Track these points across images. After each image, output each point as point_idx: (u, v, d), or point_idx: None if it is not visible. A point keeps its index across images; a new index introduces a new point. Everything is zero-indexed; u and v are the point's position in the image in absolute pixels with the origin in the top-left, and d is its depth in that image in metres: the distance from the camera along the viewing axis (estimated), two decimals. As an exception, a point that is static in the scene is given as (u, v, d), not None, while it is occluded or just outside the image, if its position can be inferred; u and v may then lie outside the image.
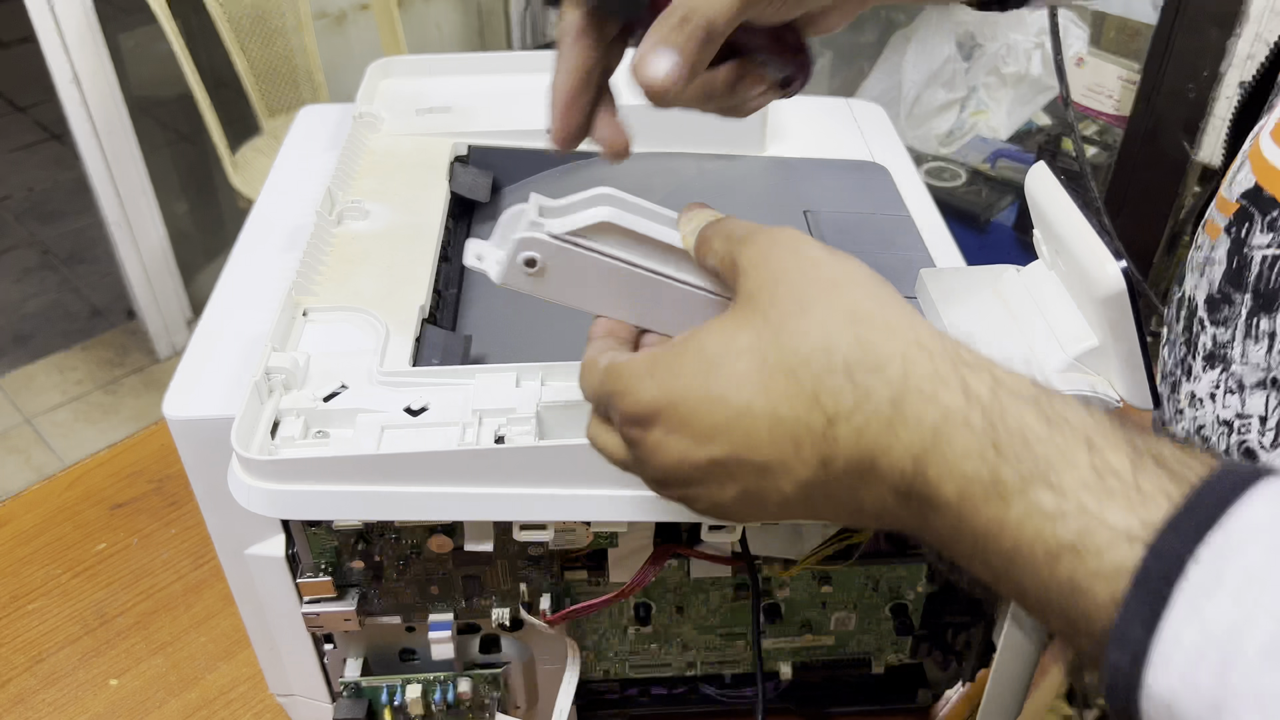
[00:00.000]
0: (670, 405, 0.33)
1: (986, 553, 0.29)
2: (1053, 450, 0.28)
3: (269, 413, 0.47)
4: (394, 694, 0.56)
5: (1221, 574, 0.24)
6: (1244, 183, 0.42)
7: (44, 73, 1.73)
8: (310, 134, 0.73)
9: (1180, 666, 0.24)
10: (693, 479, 0.34)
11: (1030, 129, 1.54)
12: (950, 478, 0.29)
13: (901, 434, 0.30)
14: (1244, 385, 0.41)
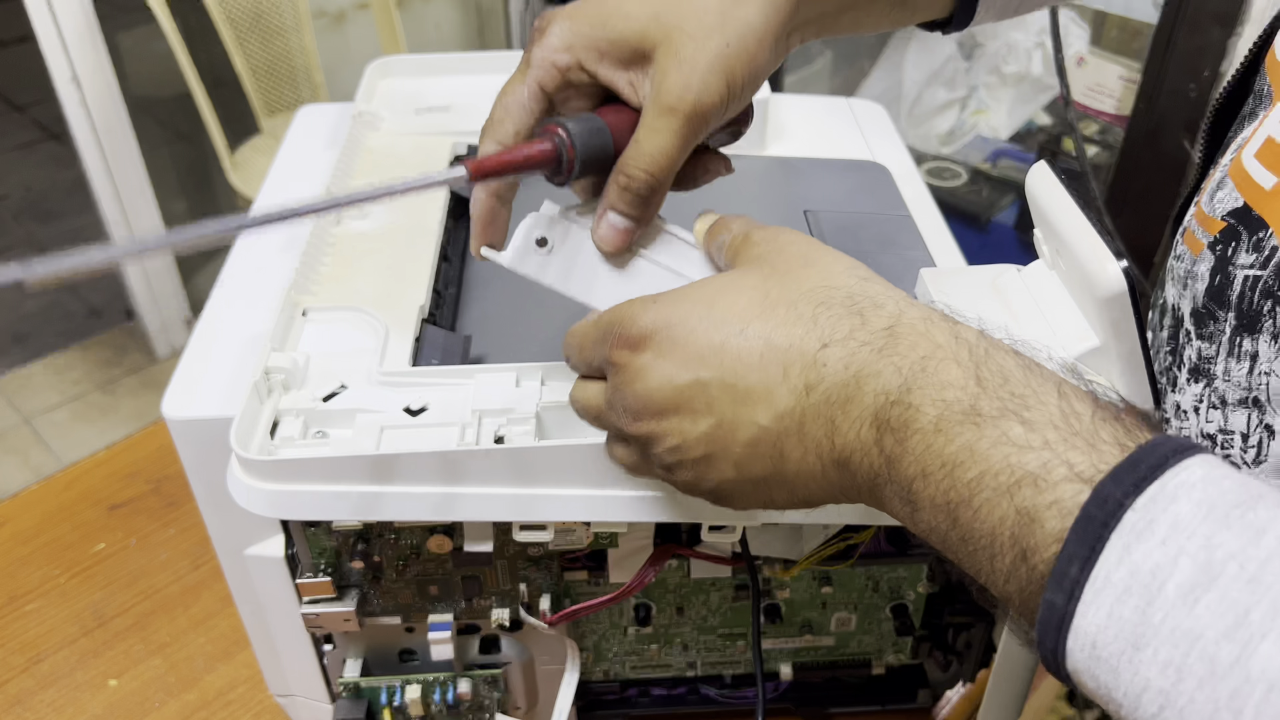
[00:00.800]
0: (667, 326, 0.35)
1: (950, 482, 0.30)
2: (1028, 390, 0.30)
3: (268, 413, 0.47)
4: (393, 694, 0.55)
5: (1154, 521, 0.26)
6: (1229, 201, 0.42)
7: (43, 72, 1.73)
8: (309, 133, 0.73)
9: (1108, 603, 0.26)
10: (667, 408, 0.35)
11: (1031, 128, 1.54)
12: (932, 403, 0.31)
13: (892, 358, 0.32)
14: (1226, 401, 0.41)
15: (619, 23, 0.39)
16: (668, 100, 0.38)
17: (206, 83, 1.70)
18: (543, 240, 0.41)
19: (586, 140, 0.39)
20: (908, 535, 0.55)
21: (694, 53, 0.38)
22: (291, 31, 1.86)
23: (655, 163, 0.39)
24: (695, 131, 0.39)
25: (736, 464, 0.35)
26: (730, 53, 0.39)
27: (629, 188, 0.40)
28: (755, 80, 0.41)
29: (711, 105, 0.39)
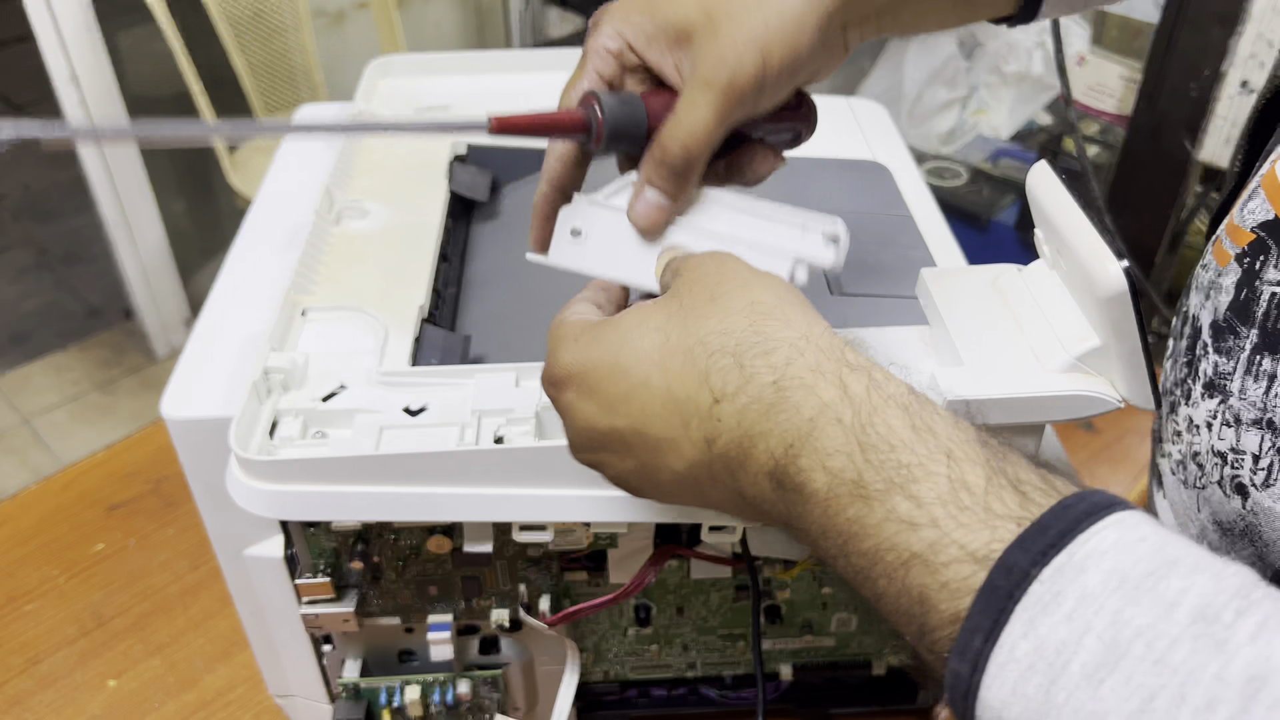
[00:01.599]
0: (581, 372, 0.36)
1: (849, 551, 0.30)
2: (914, 458, 0.29)
3: (267, 413, 0.47)
4: (393, 695, 0.55)
5: (1061, 593, 0.25)
6: (1260, 212, 0.41)
7: (42, 72, 1.73)
8: (309, 133, 0.73)
9: (1013, 678, 0.25)
10: (598, 445, 0.36)
11: (1032, 128, 1.54)
12: (820, 470, 0.31)
13: (779, 419, 0.32)
14: (1240, 420, 0.41)
15: (666, 7, 0.40)
16: (703, 75, 0.39)
17: (206, 82, 1.70)
18: (576, 231, 0.42)
19: (616, 110, 0.40)
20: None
21: (732, 30, 0.39)
22: (291, 31, 1.86)
23: (691, 135, 0.39)
24: (730, 107, 0.39)
25: (668, 494, 0.36)
26: (768, 30, 0.39)
27: (664, 160, 0.40)
28: (796, 64, 0.40)
29: (746, 81, 0.39)
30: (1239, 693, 0.22)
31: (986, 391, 0.43)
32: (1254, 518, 0.40)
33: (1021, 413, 0.44)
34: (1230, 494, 0.41)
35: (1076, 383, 0.44)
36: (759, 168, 0.44)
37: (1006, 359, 0.44)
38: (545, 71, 0.77)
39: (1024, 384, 0.43)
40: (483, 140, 0.70)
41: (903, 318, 0.52)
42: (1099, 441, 0.84)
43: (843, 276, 0.59)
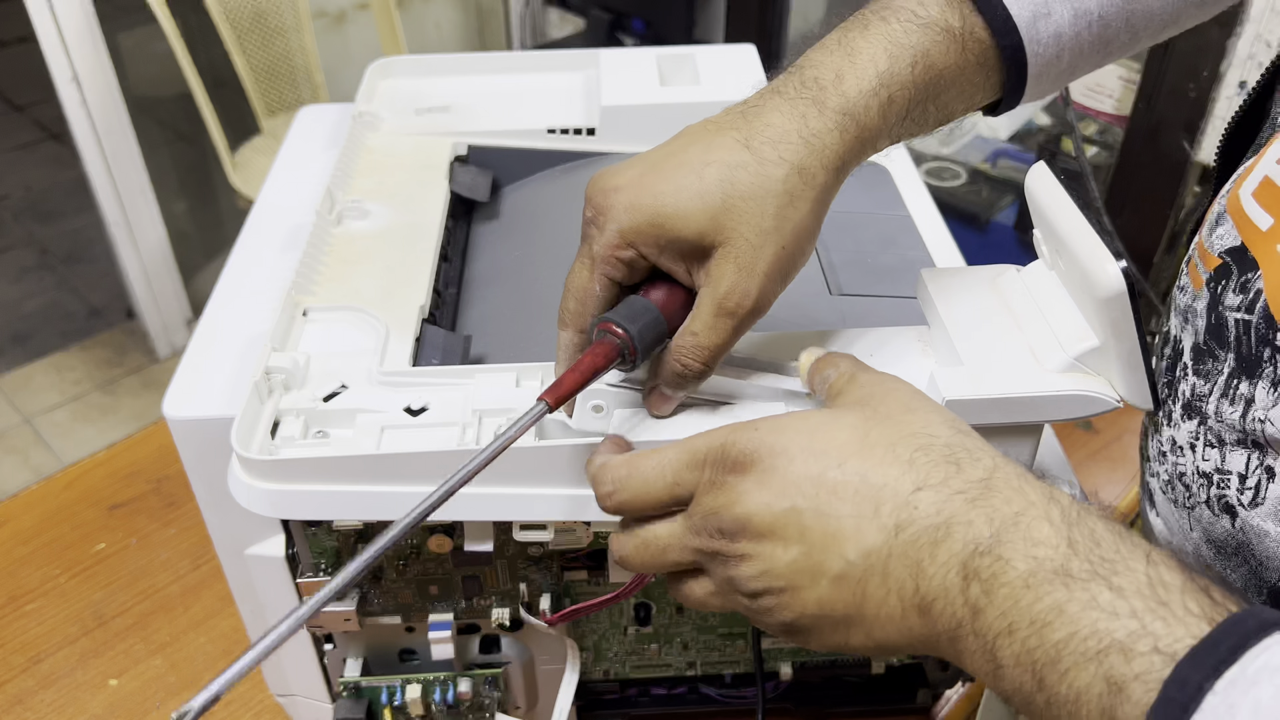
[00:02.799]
0: (770, 453, 0.35)
1: (1037, 640, 0.30)
2: (1117, 555, 0.30)
3: (269, 413, 0.47)
4: (394, 694, 0.55)
5: (1234, 706, 0.26)
6: (1228, 238, 0.41)
7: (43, 72, 1.73)
8: (310, 134, 0.73)
9: None
10: (763, 532, 0.35)
11: (1030, 129, 1.54)
12: (1023, 557, 0.31)
13: (985, 509, 0.32)
14: (1224, 441, 0.41)
15: (678, 223, 0.41)
16: (728, 305, 0.41)
17: (207, 83, 1.70)
18: (599, 407, 0.45)
19: (644, 334, 0.42)
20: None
21: (752, 260, 0.40)
22: (292, 32, 1.86)
23: (711, 355, 0.41)
24: (746, 327, 0.42)
25: (819, 599, 0.35)
26: (785, 254, 0.41)
27: (685, 375, 0.42)
28: (804, 262, 0.43)
29: (766, 304, 0.42)
30: None
31: (986, 391, 0.43)
32: (1244, 536, 0.41)
33: (1020, 412, 0.44)
34: (1219, 514, 0.42)
35: (1075, 383, 0.44)
36: None
37: (1005, 359, 0.45)
38: (545, 72, 0.77)
39: (1023, 384, 0.43)
40: (484, 143, 0.70)
41: (902, 318, 0.52)
42: (1098, 441, 0.84)
43: (842, 277, 0.59)
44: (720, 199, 0.40)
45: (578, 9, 2.16)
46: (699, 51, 0.75)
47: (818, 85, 0.42)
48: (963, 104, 0.45)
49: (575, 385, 0.41)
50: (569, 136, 0.70)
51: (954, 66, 0.43)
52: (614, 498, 0.39)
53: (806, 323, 0.55)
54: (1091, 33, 0.45)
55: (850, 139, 0.42)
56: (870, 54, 0.42)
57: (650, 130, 0.70)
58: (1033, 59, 0.44)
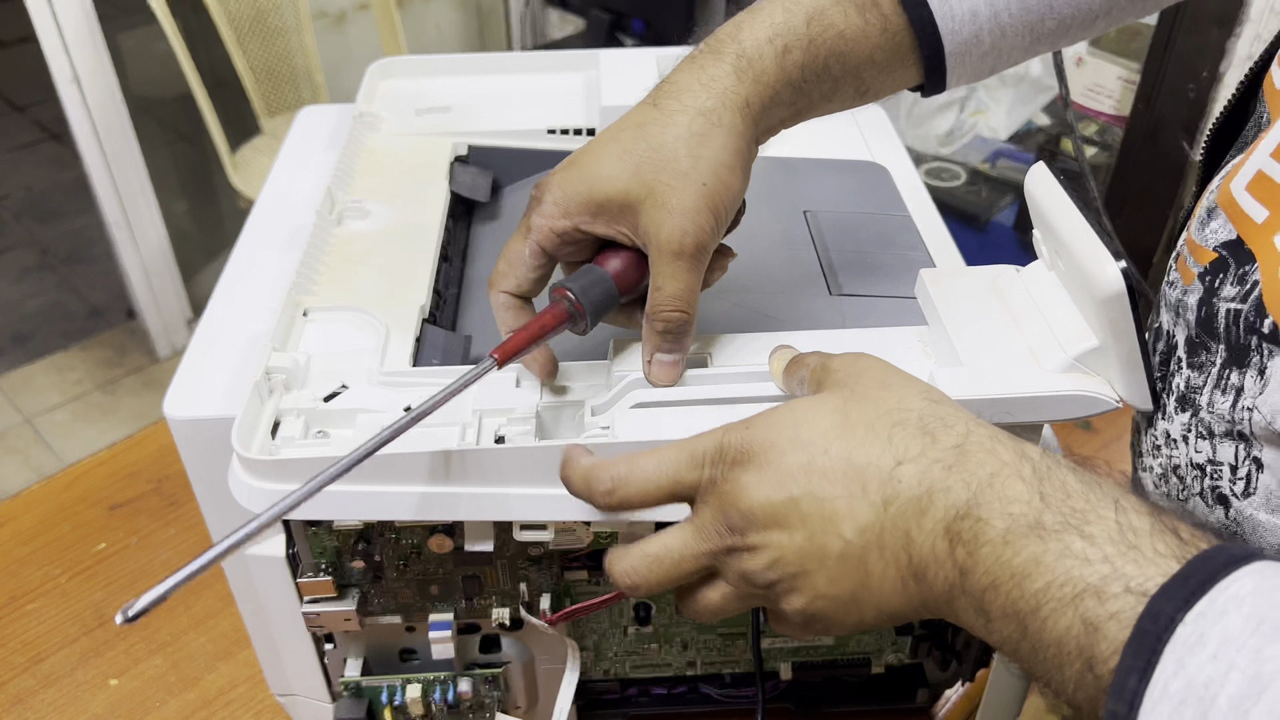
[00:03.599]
0: (762, 449, 0.37)
1: (1019, 592, 0.32)
2: (1087, 505, 0.32)
3: (269, 413, 0.47)
4: (394, 694, 0.56)
5: (1204, 635, 0.27)
6: (1222, 232, 0.42)
7: (43, 72, 1.73)
8: (310, 134, 0.73)
9: (1166, 712, 0.27)
10: (768, 523, 0.36)
11: (1030, 129, 1.54)
12: (1000, 516, 0.33)
13: (961, 474, 0.34)
14: (1214, 433, 0.42)
15: (603, 185, 0.44)
16: (671, 247, 0.43)
17: (207, 83, 1.70)
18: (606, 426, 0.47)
19: (590, 293, 0.45)
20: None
21: (679, 200, 0.43)
22: (292, 32, 1.86)
23: (680, 299, 0.44)
24: (701, 263, 0.44)
25: (830, 579, 0.36)
26: (709, 190, 0.43)
27: (667, 329, 0.44)
28: (736, 200, 0.45)
29: (707, 238, 0.44)
30: None
31: (985, 391, 0.43)
32: (1238, 527, 0.41)
33: (1020, 413, 0.44)
34: (1213, 505, 0.42)
35: (1075, 383, 0.44)
36: (713, 276, 0.48)
37: (1005, 359, 0.45)
38: (546, 73, 0.77)
39: (1023, 384, 0.44)
40: (484, 143, 0.70)
41: (902, 318, 0.52)
42: (1097, 441, 0.84)
43: (842, 277, 0.59)
44: (636, 155, 0.44)
45: (578, 10, 2.16)
46: (699, 52, 0.75)
47: (717, 40, 0.46)
48: (879, 76, 0.47)
49: (523, 343, 0.44)
50: (569, 137, 0.71)
51: (856, 29, 0.46)
52: (615, 494, 0.39)
53: (806, 323, 0.55)
54: (1012, 14, 0.47)
55: (749, 80, 0.45)
56: (768, 10, 0.46)
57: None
58: (948, 35, 0.46)
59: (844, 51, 0.46)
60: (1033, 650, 0.32)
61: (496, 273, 0.47)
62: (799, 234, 0.62)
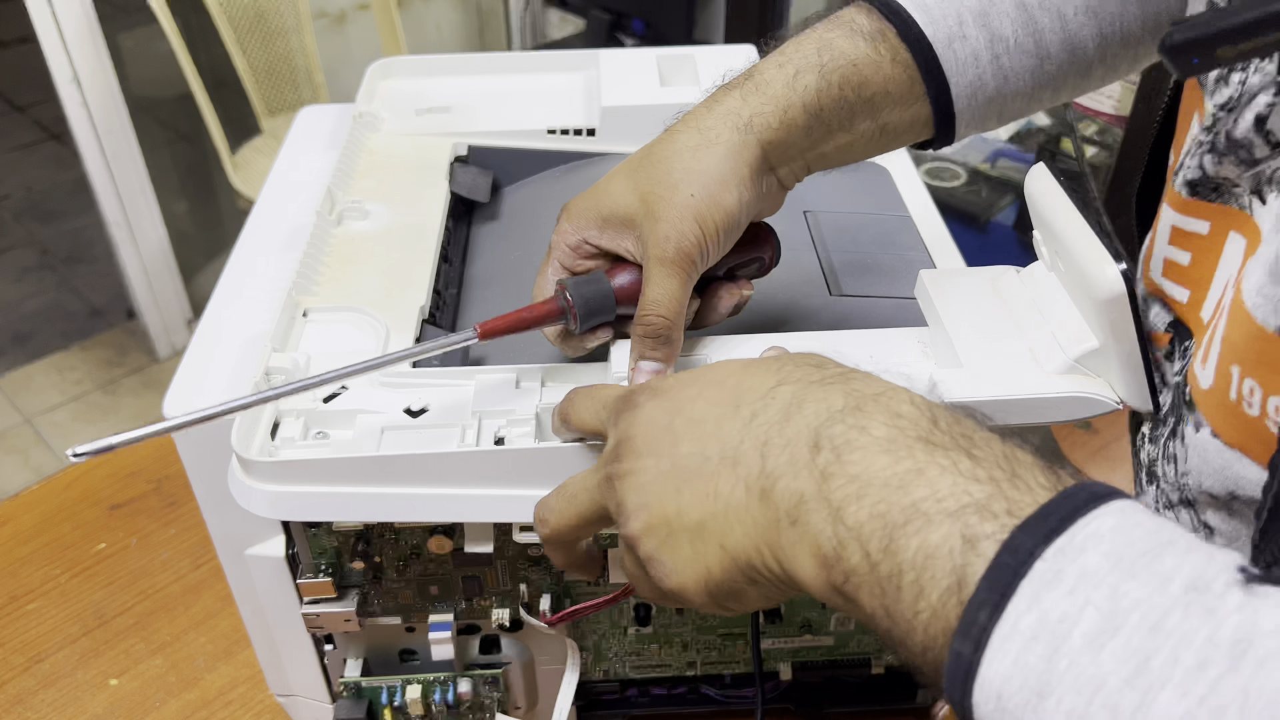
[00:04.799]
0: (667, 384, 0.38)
1: (888, 504, 0.30)
2: (975, 433, 0.32)
3: (269, 414, 0.47)
4: (394, 694, 0.56)
5: (1062, 571, 0.26)
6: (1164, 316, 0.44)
7: (43, 72, 1.73)
8: (310, 134, 0.73)
9: (1015, 649, 0.26)
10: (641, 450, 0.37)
11: (1030, 129, 1.54)
12: (884, 425, 0.32)
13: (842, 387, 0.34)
14: (1172, 502, 0.43)
15: (609, 202, 0.46)
16: (655, 253, 0.44)
17: (207, 83, 1.70)
18: None
19: (582, 292, 0.46)
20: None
21: (665, 209, 0.44)
22: (292, 32, 1.86)
23: (662, 305, 0.44)
24: (687, 272, 0.45)
25: (679, 507, 0.35)
26: (696, 201, 0.44)
27: (649, 333, 0.45)
28: (730, 220, 0.45)
29: (690, 247, 0.44)
30: (1227, 654, 0.24)
31: (986, 393, 0.43)
32: None
33: (1020, 414, 0.44)
34: None
35: (1075, 384, 0.44)
36: (723, 305, 0.49)
37: (1005, 360, 0.45)
38: (546, 73, 0.77)
39: (1023, 385, 0.44)
40: (484, 143, 0.70)
41: (902, 319, 0.52)
42: (1097, 441, 0.84)
43: (842, 277, 0.59)
44: (639, 173, 0.46)
45: (578, 10, 2.16)
46: (699, 52, 0.76)
47: (734, 74, 0.48)
48: (895, 109, 0.48)
49: (507, 324, 0.46)
50: (569, 137, 0.71)
51: (868, 59, 0.46)
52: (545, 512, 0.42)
53: (806, 323, 0.55)
54: (1011, 58, 0.48)
55: (755, 103, 0.46)
56: (782, 47, 0.48)
57: (650, 131, 0.69)
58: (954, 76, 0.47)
59: (858, 79, 0.46)
60: (889, 576, 0.29)
61: (533, 298, 0.49)
62: (799, 234, 0.62)
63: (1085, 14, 0.48)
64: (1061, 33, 0.48)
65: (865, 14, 0.48)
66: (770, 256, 0.50)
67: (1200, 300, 0.41)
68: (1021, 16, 0.47)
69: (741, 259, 0.49)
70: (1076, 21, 0.48)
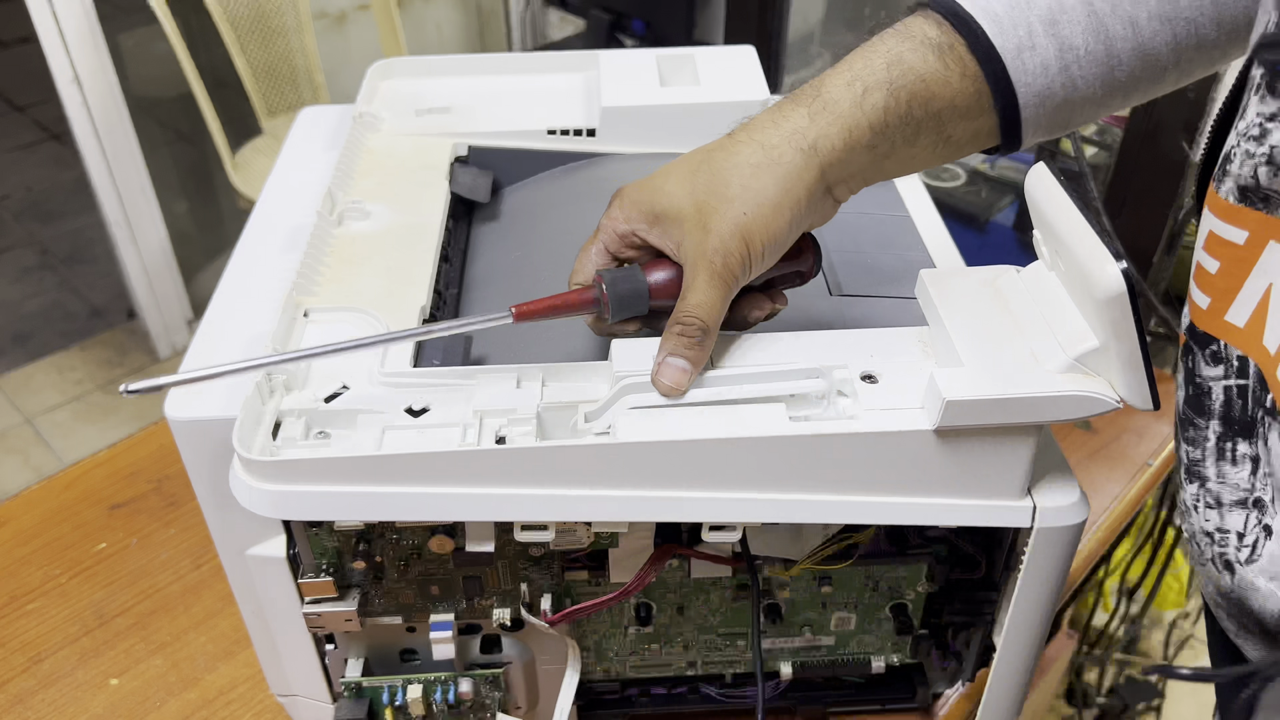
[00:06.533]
0: None
1: None
2: None
3: (270, 413, 0.47)
4: (395, 694, 0.56)
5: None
6: (1187, 316, 0.44)
7: (44, 72, 1.73)
8: (311, 134, 0.73)
9: None
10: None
11: (1030, 129, 1.54)
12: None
13: None
14: (1221, 502, 0.43)
15: (662, 199, 0.47)
16: (700, 262, 0.45)
17: (208, 83, 1.70)
18: None
19: (617, 285, 0.48)
20: (907, 535, 0.55)
21: (718, 222, 0.45)
22: (292, 33, 1.86)
23: (700, 309, 0.46)
24: (727, 284, 0.46)
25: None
26: (747, 220, 0.45)
27: (684, 333, 0.46)
28: (776, 240, 0.46)
29: (735, 264, 0.45)
30: None
31: (986, 392, 0.43)
32: (1241, 592, 0.42)
33: (1021, 413, 0.44)
34: (1220, 570, 0.43)
35: (1075, 383, 0.44)
36: (753, 315, 0.50)
37: (1006, 360, 0.45)
38: (546, 74, 0.77)
39: (1023, 384, 0.44)
40: (484, 143, 0.70)
41: (902, 319, 0.52)
42: (1097, 441, 0.84)
43: (842, 277, 0.59)
44: (697, 177, 0.47)
45: (578, 10, 2.16)
46: (699, 53, 0.76)
47: (799, 90, 0.48)
48: (961, 122, 0.48)
49: (541, 308, 0.48)
50: (569, 137, 0.71)
51: (936, 74, 0.46)
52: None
53: (806, 323, 0.55)
54: (1082, 67, 0.47)
55: (822, 123, 0.46)
56: (848, 60, 0.48)
57: (650, 131, 0.70)
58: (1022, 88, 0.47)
59: (925, 95, 0.46)
60: None
61: (574, 270, 0.50)
62: (799, 234, 0.62)
63: (1159, 20, 0.47)
64: (1134, 40, 0.47)
65: (935, 25, 0.47)
66: (809, 269, 0.51)
67: (1222, 309, 0.42)
68: (1092, 24, 0.47)
69: (782, 271, 0.50)
70: (1150, 28, 0.47)
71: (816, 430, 0.45)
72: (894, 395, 0.46)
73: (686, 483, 0.46)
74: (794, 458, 0.45)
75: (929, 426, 0.45)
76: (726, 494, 0.46)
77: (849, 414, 0.46)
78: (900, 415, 0.45)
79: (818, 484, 0.46)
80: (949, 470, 0.46)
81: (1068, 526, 0.48)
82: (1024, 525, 0.48)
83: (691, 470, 0.45)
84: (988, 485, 0.47)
